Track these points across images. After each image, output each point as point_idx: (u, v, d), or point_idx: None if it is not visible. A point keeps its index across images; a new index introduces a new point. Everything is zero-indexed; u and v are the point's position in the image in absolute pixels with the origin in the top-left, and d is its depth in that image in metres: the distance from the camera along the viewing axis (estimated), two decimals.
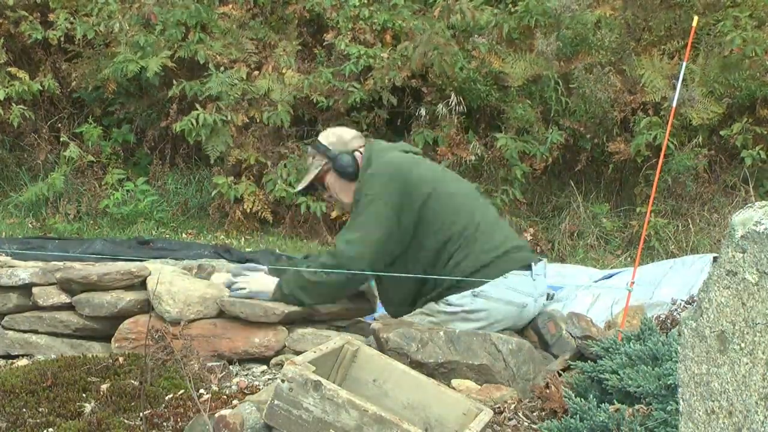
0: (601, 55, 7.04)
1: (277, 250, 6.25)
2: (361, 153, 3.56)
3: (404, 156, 3.59)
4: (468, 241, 3.40)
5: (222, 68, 7.11)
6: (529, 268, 3.46)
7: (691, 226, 6.69)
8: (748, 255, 1.46)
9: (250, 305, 3.27)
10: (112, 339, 3.42)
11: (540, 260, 3.58)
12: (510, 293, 3.39)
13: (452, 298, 3.40)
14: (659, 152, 4.98)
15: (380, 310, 3.86)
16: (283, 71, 7.23)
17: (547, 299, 3.58)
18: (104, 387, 2.84)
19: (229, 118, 6.92)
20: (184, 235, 6.90)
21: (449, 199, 3.44)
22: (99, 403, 2.75)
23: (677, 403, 1.63)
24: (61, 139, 7.44)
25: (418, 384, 2.58)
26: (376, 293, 3.69)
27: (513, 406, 2.86)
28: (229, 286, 3.39)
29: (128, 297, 3.45)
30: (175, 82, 7.11)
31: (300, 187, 3.78)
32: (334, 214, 6.89)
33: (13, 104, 7.16)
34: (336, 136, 3.64)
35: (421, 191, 3.39)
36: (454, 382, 2.98)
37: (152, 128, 7.58)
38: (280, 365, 3.09)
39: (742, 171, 6.91)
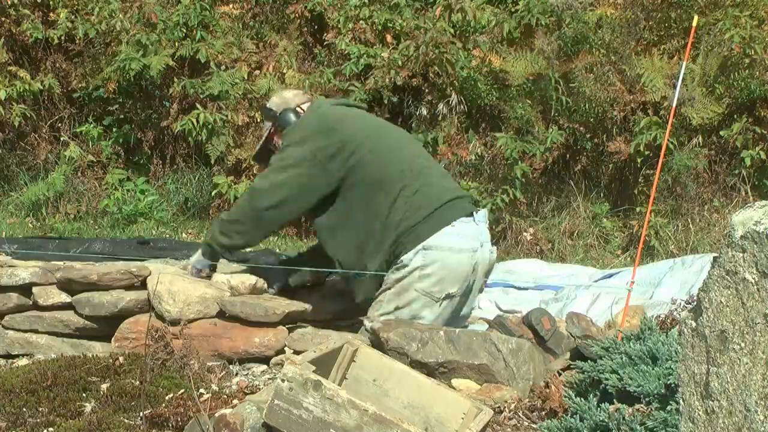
0: (602, 54, 7.04)
1: (277, 250, 6.25)
2: (303, 110, 3.62)
3: (336, 108, 3.68)
4: (408, 189, 3.40)
5: (223, 67, 7.11)
6: (471, 215, 3.49)
7: (690, 226, 6.69)
8: (747, 255, 1.46)
9: (251, 305, 3.27)
10: (112, 339, 3.42)
11: (481, 209, 3.64)
12: (459, 240, 3.40)
13: (404, 258, 3.39)
14: (659, 152, 4.98)
15: None
16: (284, 71, 7.23)
17: (491, 246, 3.60)
18: (104, 386, 2.84)
19: (229, 117, 6.93)
20: (184, 235, 6.90)
21: (381, 147, 3.47)
22: (99, 402, 2.75)
23: (677, 402, 1.64)
24: (62, 139, 7.44)
25: (418, 384, 2.58)
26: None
27: (513, 405, 2.87)
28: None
29: (128, 297, 3.45)
30: (176, 80, 7.11)
31: (254, 153, 3.92)
32: None
33: (14, 103, 7.16)
34: (279, 97, 3.75)
35: (347, 140, 3.42)
36: (454, 381, 2.98)
37: (152, 128, 7.58)
38: (281, 365, 3.09)
39: (742, 171, 6.91)
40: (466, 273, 3.41)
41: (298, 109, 3.62)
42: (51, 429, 2.61)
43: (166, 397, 2.75)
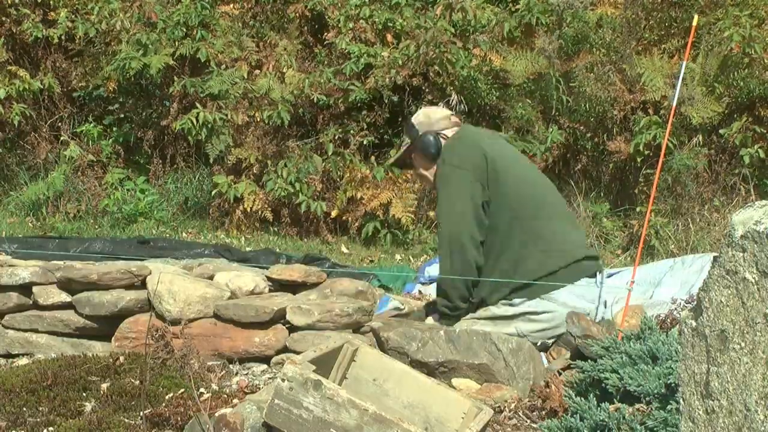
0: (602, 53, 7.04)
1: (278, 250, 6.25)
2: (445, 136, 3.63)
3: (483, 133, 3.74)
4: (539, 238, 3.44)
5: (223, 66, 7.11)
6: (595, 275, 3.52)
7: (691, 225, 6.68)
8: (748, 254, 1.46)
9: (242, 307, 3.28)
10: (113, 338, 3.42)
11: (604, 269, 3.67)
12: (576, 300, 3.44)
13: (517, 300, 3.42)
14: (659, 152, 4.98)
15: (379, 310, 3.85)
16: (284, 70, 7.22)
17: (605, 306, 3.59)
18: (104, 386, 2.84)
19: (229, 116, 6.92)
20: (184, 235, 6.89)
21: (522, 183, 3.51)
22: (99, 402, 2.75)
23: (677, 402, 1.64)
24: (61, 139, 7.44)
25: (418, 383, 2.58)
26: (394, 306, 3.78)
27: (513, 405, 2.87)
28: None
29: (128, 296, 3.45)
30: (176, 78, 7.10)
31: (390, 161, 4.13)
32: (334, 214, 6.88)
33: (14, 103, 7.16)
34: (424, 116, 3.78)
35: (493, 165, 3.46)
36: (455, 381, 2.98)
37: (152, 127, 7.58)
38: (281, 364, 3.09)
39: (742, 170, 6.90)
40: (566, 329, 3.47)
41: (441, 134, 3.68)
42: (51, 428, 2.61)
43: (167, 397, 2.75)
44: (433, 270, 5.84)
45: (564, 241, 3.50)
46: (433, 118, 3.71)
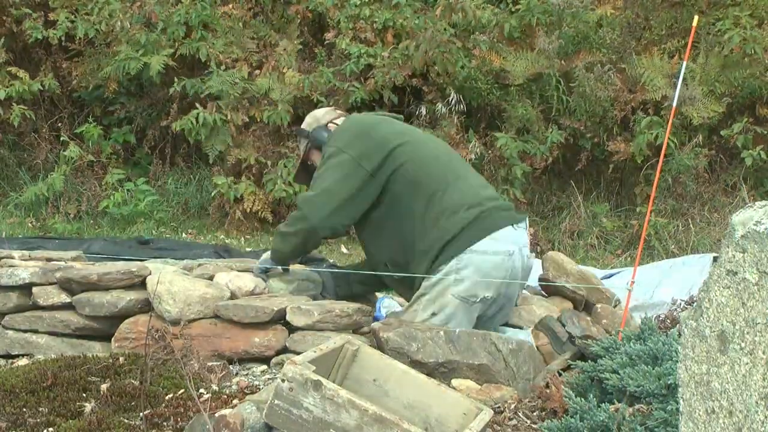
0: (602, 53, 7.04)
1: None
2: (335, 124, 3.68)
3: (370, 115, 3.76)
4: (449, 189, 3.42)
5: (223, 67, 7.11)
6: (513, 225, 3.50)
7: (691, 225, 6.68)
8: (748, 255, 1.46)
9: (242, 307, 3.28)
10: (112, 339, 3.42)
11: (525, 217, 3.65)
12: (494, 243, 3.39)
13: (443, 268, 3.39)
14: (659, 152, 4.97)
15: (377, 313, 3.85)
16: (284, 70, 7.22)
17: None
18: (104, 387, 2.84)
19: (228, 117, 6.92)
20: (184, 235, 6.89)
21: (422, 148, 3.51)
22: (99, 402, 2.75)
23: (677, 402, 1.63)
24: (61, 139, 7.44)
25: (418, 384, 2.58)
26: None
27: (513, 405, 2.87)
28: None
29: (128, 297, 3.45)
30: (176, 79, 7.10)
31: (294, 173, 3.95)
32: None
33: (13, 104, 7.16)
34: (311, 117, 3.81)
35: (387, 143, 3.46)
36: (455, 381, 2.98)
37: (152, 128, 7.58)
38: (281, 365, 3.09)
39: (743, 171, 6.91)
40: (502, 276, 3.39)
41: (329, 125, 3.68)
42: (51, 429, 2.61)
43: (166, 398, 2.75)
44: None
45: (474, 195, 3.46)
46: (318, 114, 3.78)
